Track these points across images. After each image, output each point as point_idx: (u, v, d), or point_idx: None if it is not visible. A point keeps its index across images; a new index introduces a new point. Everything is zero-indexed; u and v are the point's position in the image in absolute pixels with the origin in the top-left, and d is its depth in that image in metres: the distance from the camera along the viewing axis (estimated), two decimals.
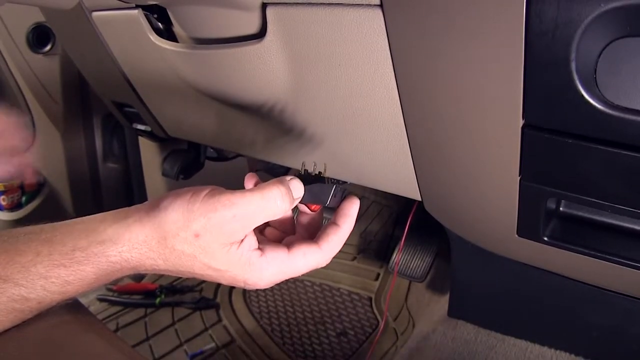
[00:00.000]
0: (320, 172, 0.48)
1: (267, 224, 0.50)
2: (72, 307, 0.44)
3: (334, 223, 0.47)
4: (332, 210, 0.48)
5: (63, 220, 0.43)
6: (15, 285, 0.39)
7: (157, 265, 0.42)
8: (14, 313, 0.40)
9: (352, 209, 0.47)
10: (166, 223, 0.41)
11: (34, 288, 0.39)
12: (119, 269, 0.41)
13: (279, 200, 0.42)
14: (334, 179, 0.49)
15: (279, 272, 0.44)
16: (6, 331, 0.41)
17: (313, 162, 0.49)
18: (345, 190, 0.49)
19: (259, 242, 0.44)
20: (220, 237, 0.41)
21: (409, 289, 1.30)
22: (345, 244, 0.47)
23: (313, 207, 0.49)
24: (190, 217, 0.40)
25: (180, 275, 0.44)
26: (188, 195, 0.41)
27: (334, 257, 0.47)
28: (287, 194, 0.43)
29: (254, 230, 0.44)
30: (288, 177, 0.44)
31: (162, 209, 0.41)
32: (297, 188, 0.45)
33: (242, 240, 0.42)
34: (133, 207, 0.43)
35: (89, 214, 0.43)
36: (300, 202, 0.46)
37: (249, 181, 0.50)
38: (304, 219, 0.50)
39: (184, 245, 0.41)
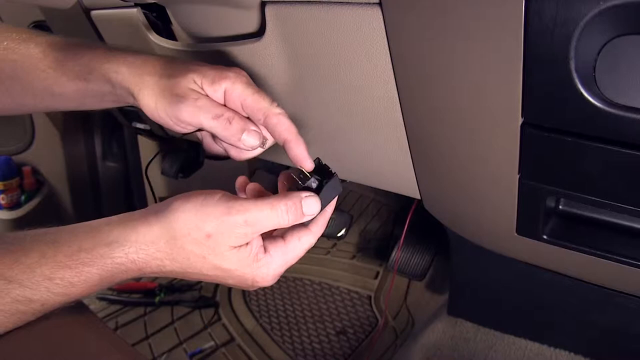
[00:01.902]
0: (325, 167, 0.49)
1: None
2: (72, 305, 0.44)
3: None
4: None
5: (62, 220, 0.43)
6: (19, 286, 0.39)
7: (164, 266, 0.42)
8: (17, 315, 0.40)
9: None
10: (177, 222, 0.41)
11: (38, 289, 0.39)
12: (124, 271, 0.41)
13: (284, 214, 0.43)
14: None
15: (282, 264, 0.45)
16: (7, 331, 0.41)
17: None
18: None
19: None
20: (230, 240, 0.42)
21: (408, 287, 1.31)
22: (344, 242, 0.48)
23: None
24: (203, 218, 0.41)
25: (186, 278, 0.44)
26: (200, 198, 0.42)
27: (333, 256, 0.48)
28: (294, 210, 0.44)
29: None
30: (305, 194, 0.45)
31: (173, 210, 0.42)
32: (311, 205, 0.45)
33: (249, 241, 0.43)
34: (138, 210, 0.44)
35: (88, 213, 0.43)
36: (324, 203, 0.47)
37: (241, 185, 0.52)
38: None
39: (194, 246, 0.41)
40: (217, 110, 0.48)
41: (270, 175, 1.52)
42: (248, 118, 0.50)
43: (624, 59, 0.39)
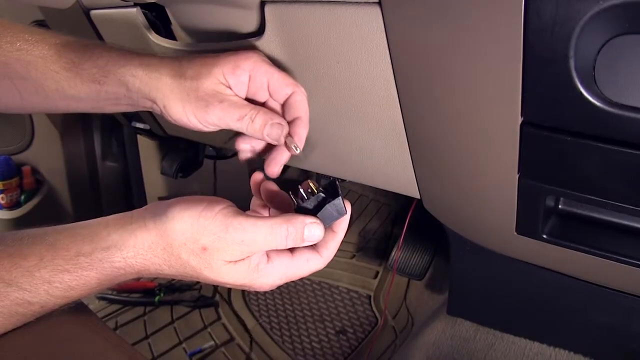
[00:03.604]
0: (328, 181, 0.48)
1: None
2: (72, 305, 0.44)
3: (330, 229, 0.47)
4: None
5: (62, 219, 0.43)
6: (19, 289, 0.39)
7: (162, 270, 0.42)
8: (16, 317, 0.40)
9: (347, 217, 0.48)
10: (173, 232, 0.41)
11: (38, 292, 0.39)
12: (122, 274, 0.42)
13: (283, 239, 0.43)
14: (332, 177, 0.48)
15: (282, 276, 0.45)
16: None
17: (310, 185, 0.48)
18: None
19: None
20: (226, 256, 0.41)
21: (407, 286, 1.31)
22: (344, 242, 0.48)
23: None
24: (200, 231, 0.41)
25: (185, 280, 0.45)
26: (200, 207, 0.42)
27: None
28: (295, 236, 0.43)
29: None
30: (309, 220, 0.44)
31: (170, 218, 0.41)
32: (314, 232, 0.44)
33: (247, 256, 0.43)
34: (136, 211, 0.43)
35: (87, 212, 0.43)
36: (325, 225, 0.46)
37: (256, 182, 0.51)
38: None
39: (190, 256, 0.41)
40: (240, 111, 0.48)
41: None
42: (263, 104, 0.51)
43: (623, 58, 0.39)
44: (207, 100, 0.48)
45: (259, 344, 1.20)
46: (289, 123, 0.51)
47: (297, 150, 0.50)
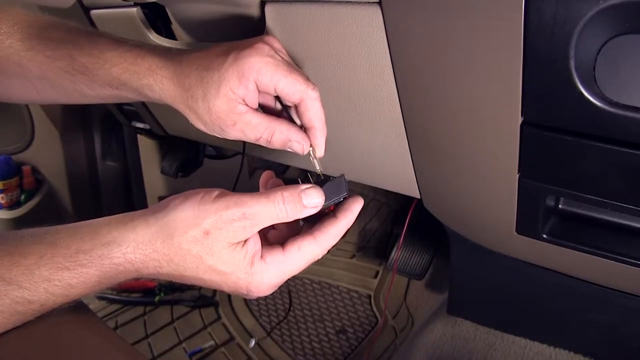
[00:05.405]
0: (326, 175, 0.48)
1: (272, 227, 0.50)
2: (72, 305, 0.44)
3: (333, 215, 0.46)
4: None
5: (62, 219, 0.43)
6: (18, 287, 0.39)
7: (161, 267, 0.42)
8: (16, 315, 0.40)
9: (355, 205, 0.47)
10: (175, 221, 0.41)
11: (37, 291, 0.39)
12: (122, 271, 0.41)
13: (281, 204, 0.42)
14: (333, 177, 0.48)
15: (279, 273, 0.44)
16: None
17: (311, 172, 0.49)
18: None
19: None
20: (228, 235, 0.41)
21: (408, 286, 1.31)
22: (343, 241, 0.47)
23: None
24: (202, 216, 0.41)
25: (183, 281, 0.44)
26: (199, 195, 0.42)
27: (333, 255, 0.47)
28: (291, 200, 0.43)
29: (258, 233, 0.44)
30: (305, 186, 0.44)
31: (172, 208, 0.42)
32: (311, 195, 0.44)
33: (246, 240, 0.42)
34: (138, 211, 0.44)
35: (87, 212, 0.43)
36: (326, 202, 0.46)
37: (264, 180, 0.52)
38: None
39: (191, 245, 0.41)
40: (254, 133, 0.49)
41: None
42: (280, 100, 0.51)
43: (623, 58, 0.39)
44: (221, 124, 0.49)
45: (258, 343, 1.20)
46: (306, 131, 0.50)
47: (319, 171, 0.50)
